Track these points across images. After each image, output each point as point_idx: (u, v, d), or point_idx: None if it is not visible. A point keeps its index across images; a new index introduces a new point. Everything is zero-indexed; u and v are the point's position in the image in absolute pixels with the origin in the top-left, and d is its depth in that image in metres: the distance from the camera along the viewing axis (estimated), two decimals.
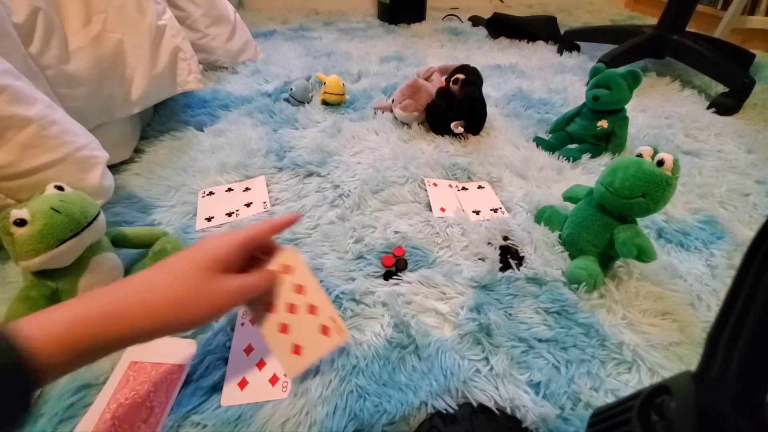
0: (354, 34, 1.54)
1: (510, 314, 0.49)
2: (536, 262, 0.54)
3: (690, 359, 0.45)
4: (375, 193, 0.68)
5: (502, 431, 0.38)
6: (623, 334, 0.47)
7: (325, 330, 0.38)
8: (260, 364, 0.43)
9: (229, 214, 0.63)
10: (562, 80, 1.16)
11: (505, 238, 0.59)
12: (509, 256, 0.56)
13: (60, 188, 0.44)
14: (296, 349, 0.37)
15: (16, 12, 0.53)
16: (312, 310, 0.39)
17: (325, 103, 0.97)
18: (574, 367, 0.43)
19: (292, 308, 0.38)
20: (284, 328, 0.37)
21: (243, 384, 0.42)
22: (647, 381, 0.43)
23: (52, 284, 0.43)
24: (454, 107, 0.82)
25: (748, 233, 0.63)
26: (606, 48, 1.18)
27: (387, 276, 0.54)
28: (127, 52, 0.70)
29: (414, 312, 0.49)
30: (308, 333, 0.38)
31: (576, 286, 0.51)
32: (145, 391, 0.41)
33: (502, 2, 2.06)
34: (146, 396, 0.40)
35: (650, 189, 0.46)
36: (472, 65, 0.87)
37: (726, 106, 0.99)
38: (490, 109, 0.89)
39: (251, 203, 0.66)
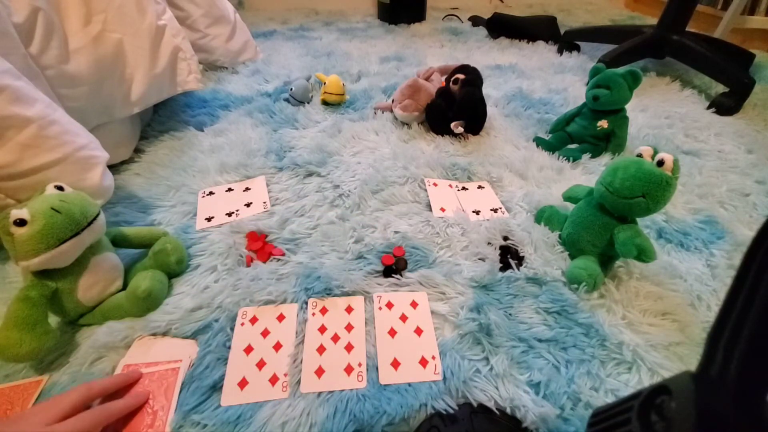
0: (354, 34, 1.54)
1: (510, 314, 0.49)
2: (536, 262, 0.54)
3: (690, 359, 0.45)
4: (375, 193, 0.68)
5: (502, 431, 0.38)
6: (623, 334, 0.47)
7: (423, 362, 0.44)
8: (260, 364, 0.43)
9: (229, 214, 0.63)
10: (562, 80, 1.16)
11: (505, 238, 0.59)
12: (509, 256, 0.56)
13: (60, 188, 0.44)
14: (395, 363, 0.44)
15: (16, 12, 0.53)
16: (418, 331, 0.47)
17: (325, 103, 0.97)
18: (574, 367, 0.43)
19: (392, 332, 0.47)
20: (392, 333, 0.46)
21: (243, 384, 0.42)
22: (647, 381, 0.43)
23: (52, 284, 0.43)
24: (454, 107, 0.82)
25: (748, 233, 0.63)
26: (606, 48, 1.17)
27: (387, 273, 0.54)
28: (127, 52, 0.70)
29: None
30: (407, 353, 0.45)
31: (576, 286, 0.51)
32: None
33: (502, 2, 2.06)
34: (145, 405, 0.40)
35: (650, 189, 0.46)
36: (472, 65, 0.87)
37: (726, 106, 0.98)
38: (490, 109, 0.89)
39: (251, 203, 0.66)
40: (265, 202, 0.66)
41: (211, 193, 0.68)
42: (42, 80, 0.56)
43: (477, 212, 0.65)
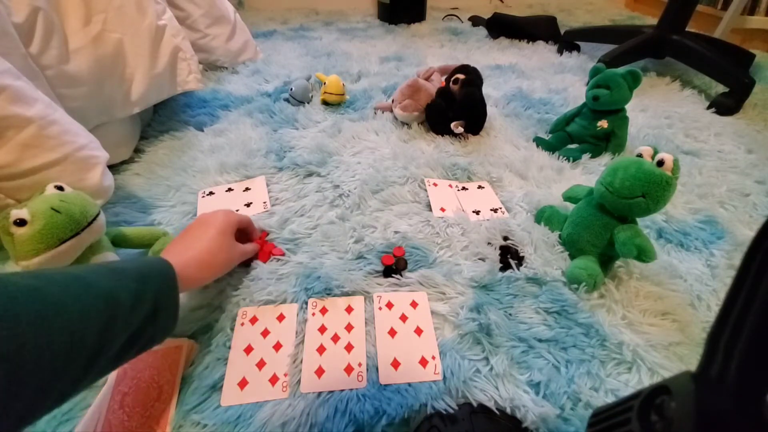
0: (354, 34, 1.54)
1: (510, 314, 0.49)
2: (536, 262, 0.54)
3: (690, 359, 0.45)
4: (375, 193, 0.68)
5: (502, 431, 0.38)
6: (623, 334, 0.47)
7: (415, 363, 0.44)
8: (260, 364, 0.43)
9: None
10: (562, 80, 1.16)
11: (505, 238, 0.59)
12: (509, 256, 0.56)
13: (60, 188, 0.44)
14: (395, 363, 0.44)
15: (16, 12, 0.53)
16: (418, 331, 0.47)
17: (325, 103, 0.97)
18: (574, 367, 0.43)
19: (392, 332, 0.47)
20: (392, 333, 0.47)
21: (243, 384, 0.42)
22: (647, 381, 0.43)
23: None
24: (454, 107, 0.82)
25: (748, 233, 0.63)
26: (606, 48, 1.17)
27: (387, 273, 0.54)
28: (127, 52, 0.70)
29: None
30: (407, 352, 0.45)
31: (576, 286, 0.51)
32: (147, 376, 0.41)
33: (502, 2, 2.06)
34: (150, 380, 0.41)
35: (650, 189, 0.46)
36: (472, 65, 0.87)
37: (726, 106, 0.98)
38: (490, 109, 0.89)
39: (251, 203, 0.66)
40: (265, 202, 0.66)
41: (211, 193, 0.68)
42: (42, 80, 0.56)
43: (477, 212, 0.65)
